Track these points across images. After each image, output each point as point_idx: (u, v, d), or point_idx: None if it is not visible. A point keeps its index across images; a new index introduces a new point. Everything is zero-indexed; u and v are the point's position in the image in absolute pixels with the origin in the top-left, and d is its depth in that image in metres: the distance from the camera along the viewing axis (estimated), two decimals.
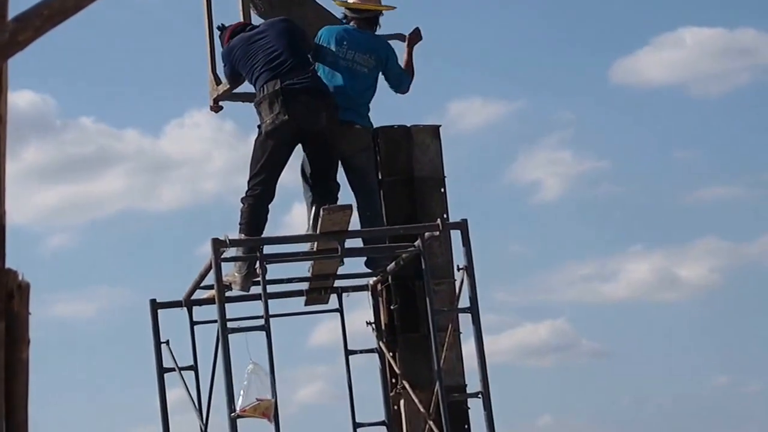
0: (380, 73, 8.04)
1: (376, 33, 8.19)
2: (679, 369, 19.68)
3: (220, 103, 8.42)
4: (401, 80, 8.13)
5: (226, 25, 8.07)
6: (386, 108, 8.40)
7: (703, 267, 20.48)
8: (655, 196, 21.33)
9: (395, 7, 8.13)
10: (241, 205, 7.68)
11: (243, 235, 7.57)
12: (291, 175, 8.06)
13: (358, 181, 7.97)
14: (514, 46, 21.47)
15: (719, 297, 20.53)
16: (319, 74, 7.84)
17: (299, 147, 7.80)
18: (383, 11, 8.10)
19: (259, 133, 7.64)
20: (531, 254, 21.03)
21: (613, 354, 19.97)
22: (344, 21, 8.20)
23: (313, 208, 7.69)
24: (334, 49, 7.87)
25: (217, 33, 8.23)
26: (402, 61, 8.24)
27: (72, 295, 21.48)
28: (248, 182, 7.72)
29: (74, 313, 20.60)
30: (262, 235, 7.65)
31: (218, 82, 8.34)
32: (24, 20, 3.96)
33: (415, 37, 8.27)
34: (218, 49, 8.32)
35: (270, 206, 7.73)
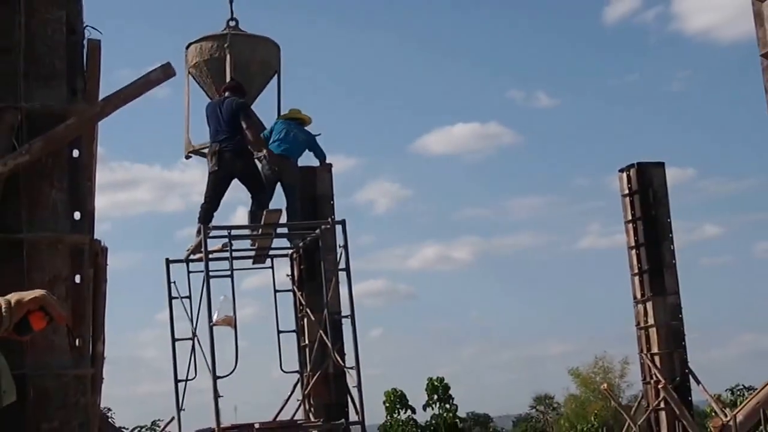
0: (308, 146, 12.36)
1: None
2: None
3: (191, 155, 12.64)
4: (323, 156, 12.50)
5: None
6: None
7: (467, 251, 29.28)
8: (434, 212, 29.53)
9: (311, 121, 12.65)
10: (200, 208, 11.58)
11: (200, 223, 11.36)
12: (233, 192, 12.03)
13: (287, 192, 12.09)
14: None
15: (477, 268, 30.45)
16: (271, 137, 12.23)
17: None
18: (306, 120, 12.63)
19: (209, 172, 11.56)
20: (376, 243, 28.15)
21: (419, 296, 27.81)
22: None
23: (258, 210, 11.69)
24: (284, 126, 12.36)
25: (192, 105, 12.44)
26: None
27: None
28: (204, 197, 11.61)
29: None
30: (210, 224, 11.41)
31: (190, 142, 12.50)
32: (108, 100, 4.54)
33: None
34: (193, 117, 12.46)
35: (215, 213, 11.64)
